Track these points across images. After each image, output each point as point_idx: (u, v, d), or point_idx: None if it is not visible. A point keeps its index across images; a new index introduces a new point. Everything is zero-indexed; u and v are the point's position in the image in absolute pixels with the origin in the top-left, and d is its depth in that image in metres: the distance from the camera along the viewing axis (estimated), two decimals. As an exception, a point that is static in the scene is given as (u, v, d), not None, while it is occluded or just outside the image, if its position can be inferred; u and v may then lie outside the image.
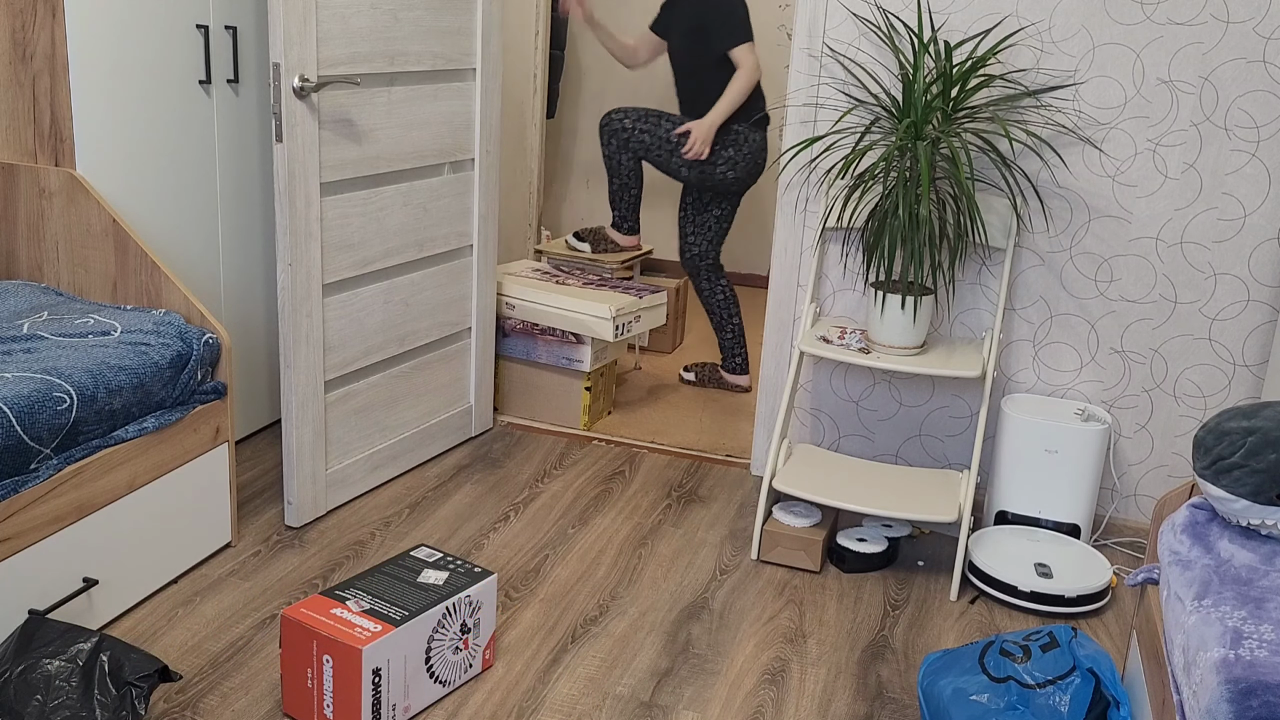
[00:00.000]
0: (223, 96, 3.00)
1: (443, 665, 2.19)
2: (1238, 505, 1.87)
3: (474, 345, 3.40)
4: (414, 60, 2.93)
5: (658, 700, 2.26)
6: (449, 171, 3.16)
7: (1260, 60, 2.74)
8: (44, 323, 2.42)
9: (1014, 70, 2.90)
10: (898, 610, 2.64)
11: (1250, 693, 1.50)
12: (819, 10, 2.98)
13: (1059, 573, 2.68)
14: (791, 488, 2.77)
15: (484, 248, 3.33)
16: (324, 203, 2.74)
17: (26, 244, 2.70)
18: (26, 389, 2.10)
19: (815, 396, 3.25)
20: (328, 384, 2.88)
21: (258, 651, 2.34)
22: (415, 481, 3.15)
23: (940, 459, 3.20)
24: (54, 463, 2.17)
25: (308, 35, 2.59)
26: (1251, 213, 2.84)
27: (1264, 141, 2.79)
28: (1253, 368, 2.93)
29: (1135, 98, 2.84)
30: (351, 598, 2.14)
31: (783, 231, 3.15)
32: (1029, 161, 2.94)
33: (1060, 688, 1.98)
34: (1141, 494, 3.10)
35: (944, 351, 2.87)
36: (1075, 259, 2.98)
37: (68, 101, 2.58)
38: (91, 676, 1.86)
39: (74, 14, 2.54)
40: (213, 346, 2.54)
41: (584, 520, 2.98)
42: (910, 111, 2.71)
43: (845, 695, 2.31)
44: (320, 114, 2.67)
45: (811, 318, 3.02)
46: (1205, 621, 1.69)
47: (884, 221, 2.72)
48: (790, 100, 3.06)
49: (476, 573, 2.27)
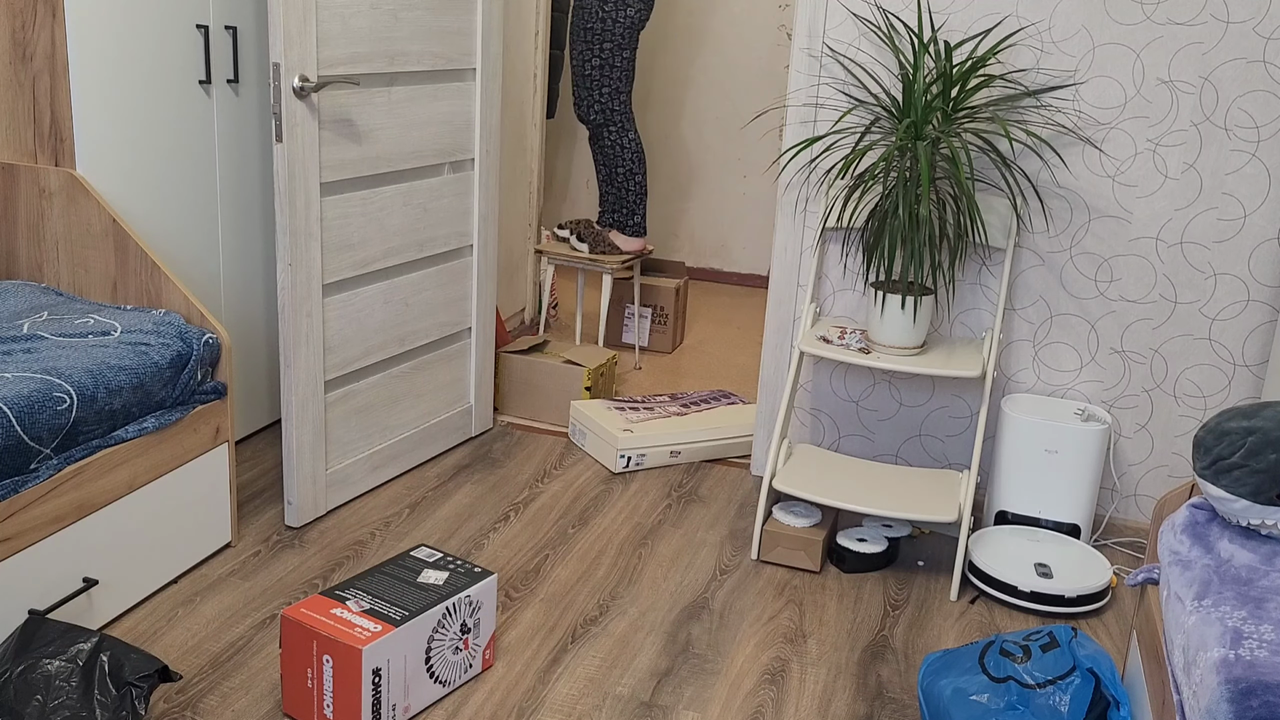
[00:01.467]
0: (223, 96, 3.00)
1: (443, 665, 2.19)
2: (1238, 505, 1.87)
3: (474, 345, 3.40)
4: (414, 60, 2.93)
5: (658, 700, 2.26)
6: (449, 171, 3.17)
7: (1260, 60, 2.74)
8: (44, 323, 2.42)
9: (1014, 70, 2.90)
10: (898, 610, 2.64)
11: (1250, 693, 1.50)
12: (819, 10, 2.98)
13: (1059, 573, 2.68)
14: (791, 488, 2.77)
15: (484, 248, 3.33)
16: (324, 203, 2.74)
17: (26, 244, 2.70)
18: (26, 389, 2.10)
19: (815, 396, 3.25)
20: (328, 384, 2.88)
21: (258, 651, 2.34)
22: (415, 481, 3.15)
23: (940, 459, 3.20)
24: (54, 463, 2.17)
25: (308, 35, 2.59)
26: (1251, 213, 2.84)
27: (1264, 141, 2.79)
28: (1253, 368, 2.93)
29: (1135, 98, 2.84)
30: (351, 598, 2.14)
31: (783, 231, 3.15)
32: (1029, 161, 2.94)
33: (1060, 688, 1.98)
34: (1141, 494, 3.10)
35: (944, 351, 2.87)
36: (1075, 259, 2.98)
37: (68, 101, 2.58)
38: (91, 676, 1.86)
39: (74, 14, 2.54)
40: (213, 346, 2.54)
41: (584, 520, 2.98)
42: (910, 111, 2.71)
43: (845, 695, 2.31)
44: (320, 114, 2.67)
45: (811, 318, 3.02)
46: (1205, 621, 1.69)
47: (884, 221, 2.72)
48: (790, 100, 3.06)
49: (476, 573, 2.27)
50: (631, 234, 3.98)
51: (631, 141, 3.87)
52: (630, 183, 3.89)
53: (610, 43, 3.75)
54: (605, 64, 3.78)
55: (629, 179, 3.90)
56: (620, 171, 3.91)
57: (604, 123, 3.86)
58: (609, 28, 3.73)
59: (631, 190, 3.91)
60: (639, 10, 3.73)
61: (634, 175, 3.88)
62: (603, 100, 3.83)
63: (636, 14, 3.73)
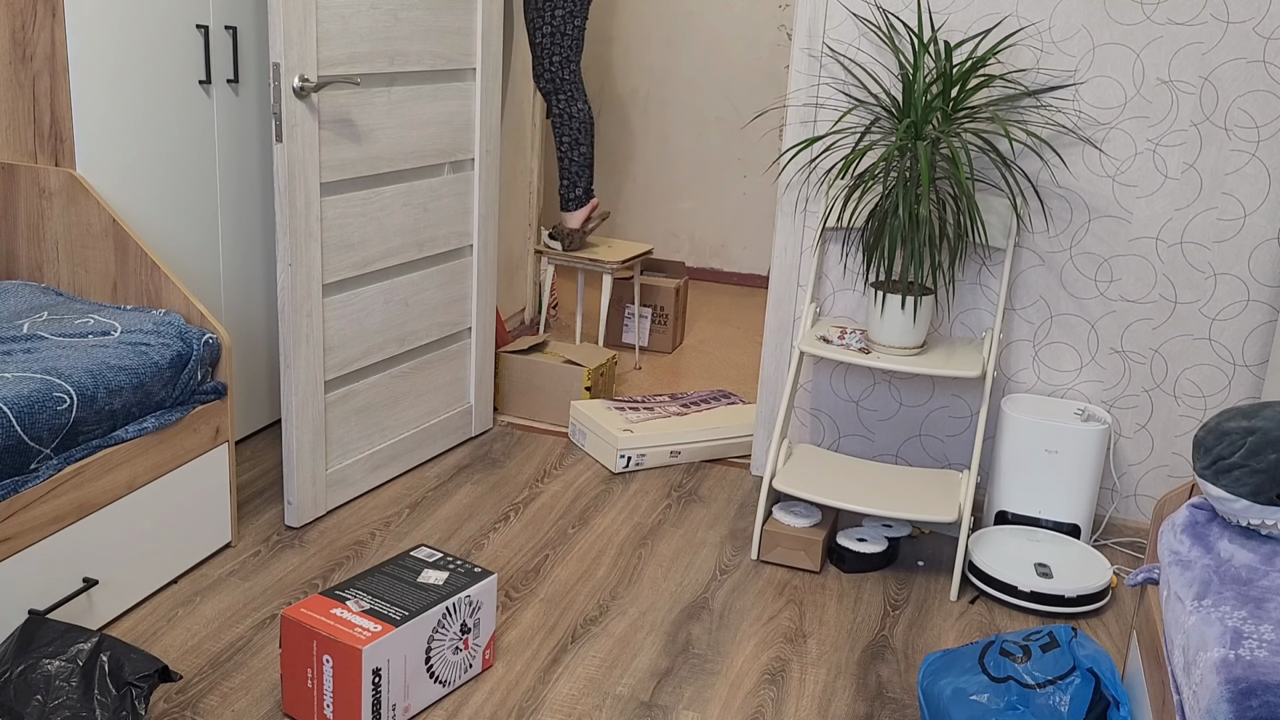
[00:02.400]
0: (223, 96, 3.00)
1: (443, 665, 2.19)
2: (1238, 505, 1.87)
3: (474, 345, 3.40)
4: (414, 60, 2.93)
5: (658, 700, 2.26)
6: (449, 171, 3.17)
7: (1260, 60, 2.74)
8: (44, 323, 2.42)
9: (1014, 70, 2.90)
10: (898, 610, 2.64)
11: (1250, 693, 1.50)
12: (819, 10, 2.98)
13: (1059, 573, 2.68)
14: (791, 488, 2.77)
15: (484, 248, 3.33)
16: (324, 203, 2.74)
17: (26, 244, 2.70)
18: (26, 389, 2.10)
19: (815, 396, 3.25)
20: (328, 384, 2.88)
21: (258, 651, 2.34)
22: (415, 481, 3.15)
23: (940, 459, 3.20)
24: (54, 463, 2.17)
25: (308, 35, 2.59)
26: (1251, 213, 2.84)
27: (1264, 141, 2.79)
28: (1253, 368, 2.93)
29: (1135, 98, 2.84)
30: (351, 598, 2.14)
31: (783, 231, 3.15)
32: (1029, 161, 2.94)
33: (1060, 688, 1.98)
34: (1141, 494, 3.10)
35: (944, 351, 2.87)
36: (1075, 259, 2.98)
37: (68, 101, 2.58)
38: (91, 676, 1.86)
39: (74, 14, 2.54)
40: (213, 346, 2.54)
41: (584, 520, 2.98)
42: (910, 111, 2.71)
43: (845, 695, 2.31)
44: (320, 114, 2.67)
45: (811, 318, 3.02)
46: (1205, 621, 1.69)
47: (884, 221, 2.72)
48: (790, 100, 3.06)
49: (476, 573, 2.27)
50: (575, 207, 3.98)
51: (580, 111, 3.87)
52: (574, 153, 3.89)
53: (562, 10, 3.76)
54: (556, 31, 3.78)
55: (573, 149, 3.90)
56: (565, 140, 3.91)
57: (553, 90, 3.87)
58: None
59: (575, 160, 3.91)
60: None
61: (578, 145, 3.89)
62: (552, 69, 3.83)
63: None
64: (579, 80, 3.88)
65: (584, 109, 3.88)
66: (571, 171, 3.94)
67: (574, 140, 3.89)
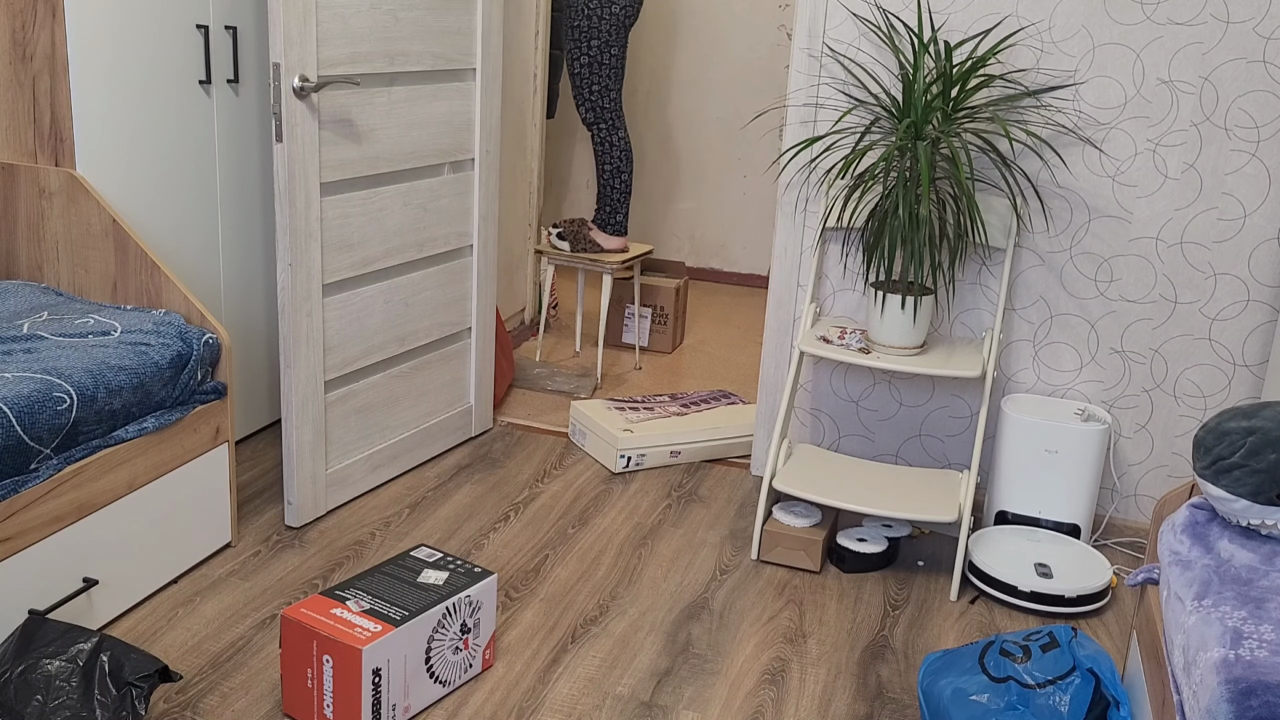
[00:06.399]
0: (223, 96, 3.00)
1: (443, 665, 2.19)
2: (1238, 505, 1.87)
3: (474, 345, 3.40)
4: (414, 60, 2.93)
5: (658, 700, 2.26)
6: (449, 171, 3.16)
7: (1260, 60, 2.74)
8: (44, 323, 2.42)
9: (1014, 70, 2.90)
10: (898, 610, 2.64)
11: (1250, 693, 1.50)
12: (819, 10, 2.98)
13: (1059, 573, 2.68)
14: (791, 488, 2.77)
15: (484, 248, 3.33)
16: (324, 203, 2.74)
17: (26, 244, 2.70)
18: (26, 389, 2.10)
19: (815, 396, 3.25)
20: (328, 384, 2.88)
21: (258, 651, 2.34)
22: (415, 481, 3.15)
23: (940, 459, 3.20)
24: (54, 463, 2.17)
25: (308, 35, 2.59)
26: (1251, 213, 2.84)
27: (1264, 141, 2.79)
28: (1253, 368, 2.93)
29: (1135, 98, 2.84)
30: (351, 598, 2.14)
31: (783, 231, 3.15)
32: (1029, 161, 2.94)
33: (1060, 688, 1.98)
34: (1141, 494, 3.10)
35: (944, 351, 2.87)
36: (1075, 259, 2.98)
37: (68, 101, 2.58)
38: (92, 676, 1.86)
39: (74, 14, 2.54)
40: (213, 346, 2.54)
41: (584, 520, 2.98)
42: (910, 111, 2.71)
43: (845, 695, 2.31)
44: (320, 114, 2.67)
45: (811, 318, 3.02)
46: (1205, 621, 1.69)
47: (884, 221, 2.72)
48: (790, 100, 3.06)
49: (476, 573, 2.27)
50: (613, 233, 3.99)
51: (620, 140, 3.88)
52: (616, 181, 3.90)
53: (598, 40, 3.76)
54: (594, 61, 3.79)
55: (615, 177, 3.91)
56: (607, 169, 3.92)
57: (594, 120, 3.88)
58: (595, 25, 3.74)
59: (616, 189, 3.92)
60: (625, 7, 3.73)
61: (620, 174, 3.90)
62: (592, 98, 3.84)
63: (623, 10, 3.73)
64: (619, 109, 3.89)
65: (624, 138, 3.90)
66: (613, 200, 3.96)
67: (615, 169, 3.91)
